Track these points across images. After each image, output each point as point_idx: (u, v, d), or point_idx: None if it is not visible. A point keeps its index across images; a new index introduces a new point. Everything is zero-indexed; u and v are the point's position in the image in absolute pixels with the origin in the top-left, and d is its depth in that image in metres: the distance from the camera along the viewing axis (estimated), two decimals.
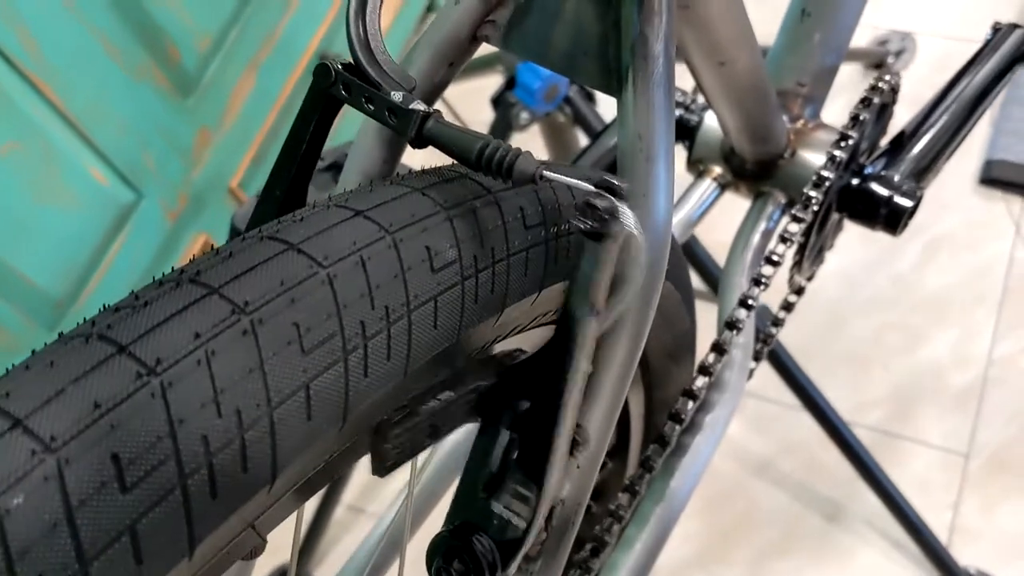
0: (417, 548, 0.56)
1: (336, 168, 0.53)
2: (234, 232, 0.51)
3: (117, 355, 0.29)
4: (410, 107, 0.37)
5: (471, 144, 0.36)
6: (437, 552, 0.39)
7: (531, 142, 1.52)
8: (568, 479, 0.40)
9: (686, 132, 0.77)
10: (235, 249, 0.34)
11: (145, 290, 0.33)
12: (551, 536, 0.42)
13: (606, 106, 1.36)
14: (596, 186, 0.33)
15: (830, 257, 1.60)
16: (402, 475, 0.41)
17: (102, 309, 0.32)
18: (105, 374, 0.29)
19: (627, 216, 0.33)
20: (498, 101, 1.22)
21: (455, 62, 0.41)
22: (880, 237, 1.56)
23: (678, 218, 0.74)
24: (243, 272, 0.32)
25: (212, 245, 1.46)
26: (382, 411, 0.35)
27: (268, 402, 0.30)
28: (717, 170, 0.76)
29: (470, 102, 1.57)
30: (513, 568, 0.38)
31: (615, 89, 0.38)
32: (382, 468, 0.35)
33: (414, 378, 0.35)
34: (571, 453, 0.38)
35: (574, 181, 0.34)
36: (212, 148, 1.45)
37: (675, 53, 0.37)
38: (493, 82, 1.36)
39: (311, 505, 1.36)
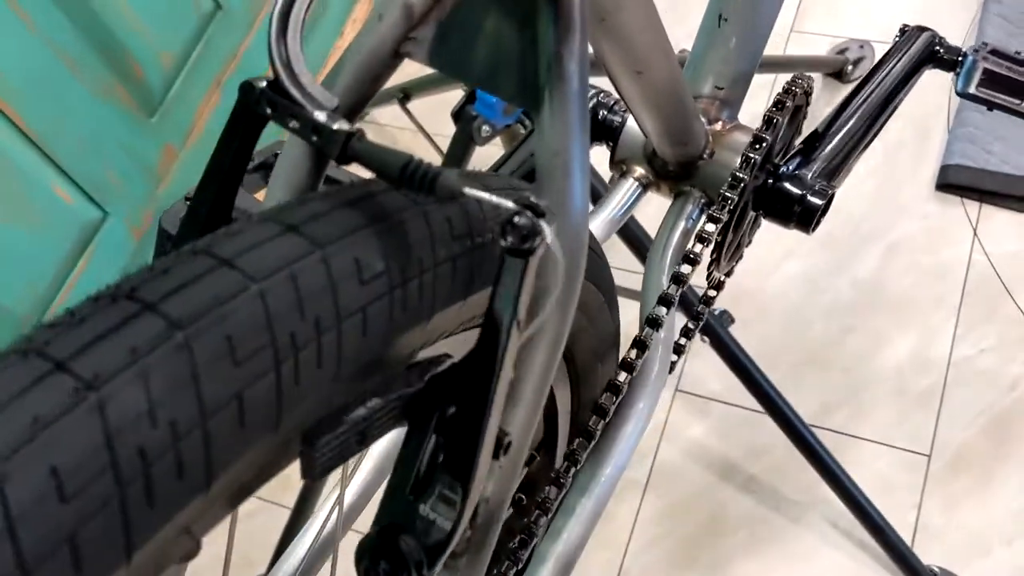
0: (348, 549, 0.57)
1: (265, 168, 0.54)
2: (162, 234, 0.52)
3: (55, 371, 0.30)
4: (334, 127, 0.38)
5: (395, 161, 0.37)
6: (364, 553, 0.40)
7: (494, 155, 1.53)
8: (492, 479, 0.42)
9: (609, 133, 0.79)
10: (169, 264, 0.35)
11: (81, 306, 0.34)
12: (476, 533, 0.43)
13: None
14: (517, 204, 0.35)
15: (791, 262, 1.63)
16: (334, 475, 0.42)
17: (37, 326, 0.33)
18: (43, 389, 0.29)
19: (546, 233, 0.35)
20: (459, 115, 1.23)
21: (379, 77, 0.42)
22: (839, 241, 1.58)
23: (601, 218, 0.76)
24: (178, 287, 0.34)
25: None
26: (312, 418, 0.36)
27: (202, 412, 0.31)
28: (639, 170, 0.78)
29: (432, 117, 1.58)
30: (439, 566, 0.39)
31: (532, 105, 0.39)
32: (311, 474, 0.36)
33: (344, 385, 0.36)
34: (495, 456, 0.40)
35: (496, 200, 0.36)
36: (177, 165, 1.46)
37: (589, 67, 0.39)
38: (454, 96, 1.37)
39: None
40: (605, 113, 0.79)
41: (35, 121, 1.22)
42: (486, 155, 1.48)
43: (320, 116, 0.38)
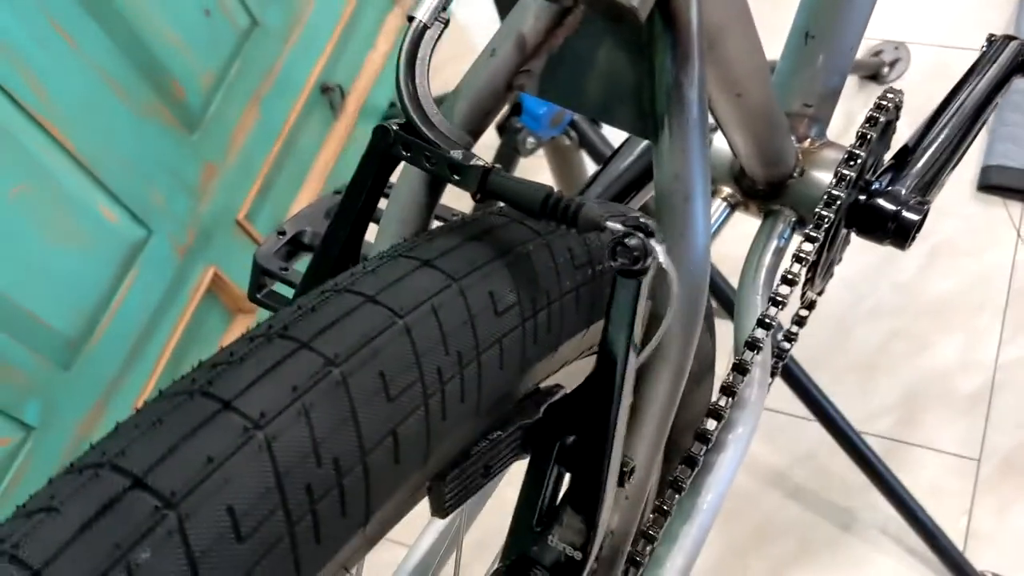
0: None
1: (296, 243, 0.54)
2: (256, 267, 0.52)
3: (223, 411, 0.30)
4: (471, 163, 0.38)
5: (535, 195, 0.37)
6: None
7: (537, 166, 1.53)
8: (617, 510, 0.41)
9: None
10: (316, 303, 0.35)
11: (237, 345, 0.34)
12: (601, 566, 0.43)
13: (611, 129, 1.37)
14: (626, 226, 0.35)
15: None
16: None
17: (196, 366, 0.33)
18: (213, 429, 0.30)
19: (657, 253, 0.35)
20: (504, 127, 1.23)
21: (491, 111, 0.43)
22: (880, 247, 1.57)
23: None
24: (328, 325, 0.34)
25: (221, 278, 1.47)
26: (453, 453, 0.36)
27: (361, 449, 0.31)
28: (727, 190, 0.78)
29: None
30: None
31: (651, 133, 0.39)
32: (441, 510, 0.36)
33: (482, 420, 0.36)
34: (620, 484, 0.39)
35: (614, 225, 0.36)
36: (218, 182, 1.47)
37: (702, 103, 0.39)
38: None
39: None
40: None
41: (83, 144, 1.22)
42: (529, 167, 1.48)
43: (457, 155, 0.39)
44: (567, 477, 0.40)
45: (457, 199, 0.46)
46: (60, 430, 1.26)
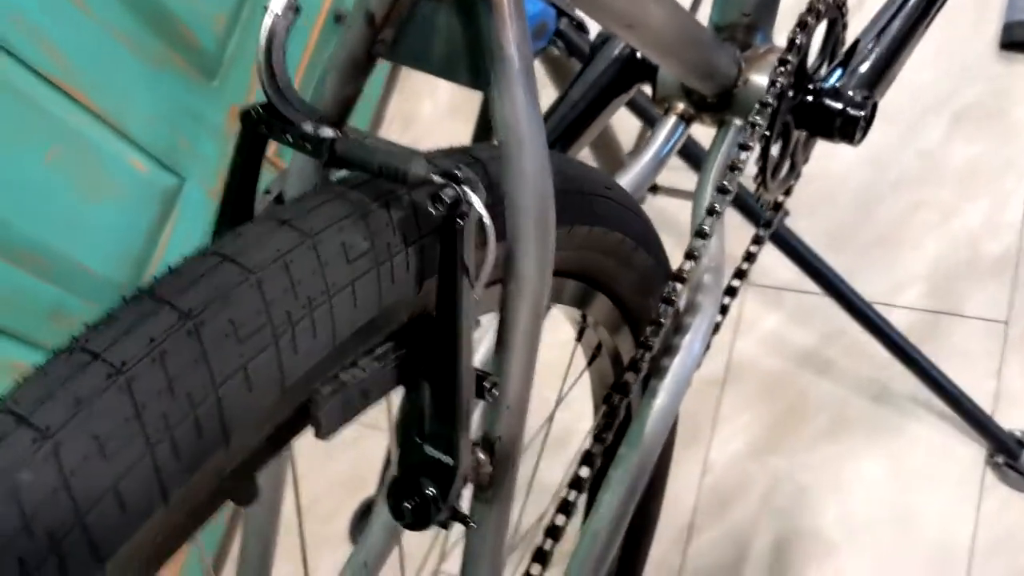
0: None
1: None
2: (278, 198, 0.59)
3: (92, 361, 0.38)
4: (319, 135, 0.44)
5: (370, 157, 0.43)
6: (392, 494, 0.46)
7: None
8: (497, 421, 0.47)
9: (648, 73, 0.81)
10: (182, 266, 0.42)
11: (117, 307, 0.41)
12: (497, 468, 0.49)
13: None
14: (443, 177, 0.40)
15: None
16: None
17: (84, 327, 0.41)
18: (84, 377, 0.37)
19: (475, 201, 0.40)
20: None
21: (358, 79, 0.48)
22: (902, 113, 1.55)
23: (647, 157, 0.78)
24: (189, 284, 0.40)
25: None
26: (313, 383, 0.42)
27: (213, 382, 0.38)
28: (680, 106, 0.80)
29: None
30: (454, 498, 0.46)
31: (484, 87, 0.44)
32: (320, 431, 0.43)
33: (340, 351, 0.43)
34: (483, 396, 0.45)
35: (435, 179, 0.41)
36: None
37: (531, 50, 0.43)
38: None
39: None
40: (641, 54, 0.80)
41: (103, 101, 1.30)
42: None
43: (308, 127, 0.44)
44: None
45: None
46: None
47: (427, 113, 1.96)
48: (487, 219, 0.40)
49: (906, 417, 1.44)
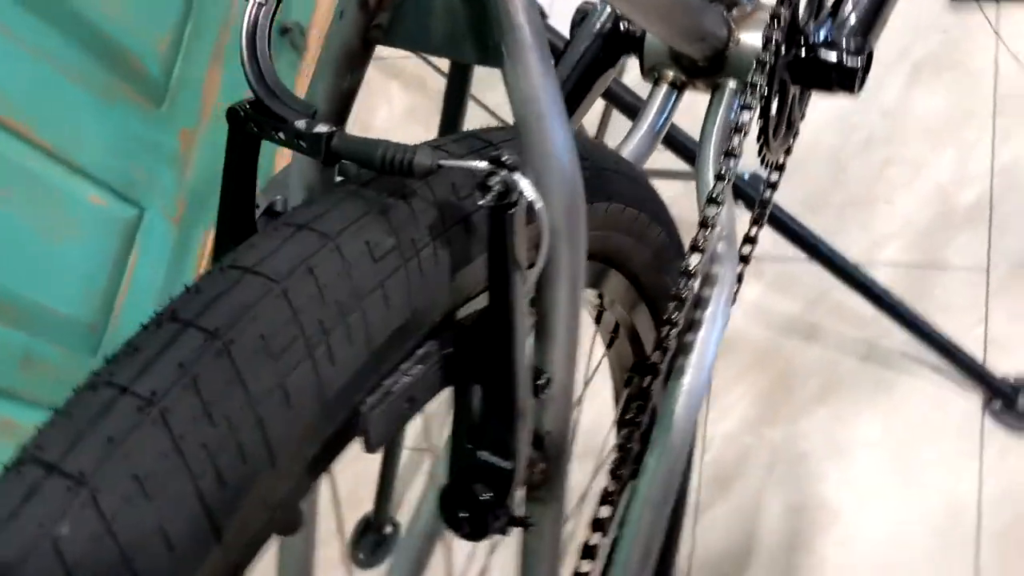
0: None
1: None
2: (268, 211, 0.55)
3: (120, 395, 0.35)
4: (314, 131, 0.41)
5: (373, 151, 0.40)
6: (444, 504, 0.43)
7: None
8: (545, 414, 0.45)
9: (633, 44, 0.78)
10: (201, 284, 0.39)
11: (135, 336, 0.38)
12: (549, 465, 0.46)
13: (556, 19, 1.36)
14: (490, 164, 0.37)
15: (822, 107, 1.61)
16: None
17: (105, 361, 0.37)
18: (113, 413, 0.34)
19: (523, 186, 0.37)
20: None
21: (355, 71, 0.45)
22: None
23: (641, 131, 0.76)
24: (210, 302, 0.37)
25: None
26: (357, 394, 0.39)
27: (250, 403, 0.35)
28: (671, 74, 0.78)
29: None
30: (513, 502, 0.43)
31: (496, 62, 0.41)
32: (369, 445, 0.40)
33: (379, 357, 0.40)
34: (536, 394, 0.43)
35: (468, 164, 0.38)
36: (197, 146, 1.49)
37: (539, 17, 0.40)
38: None
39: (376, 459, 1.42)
40: (626, 24, 0.78)
41: (52, 135, 1.25)
42: None
43: (300, 124, 0.41)
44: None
45: None
46: None
47: (383, 119, 1.93)
48: (539, 203, 0.38)
49: (898, 373, 1.44)
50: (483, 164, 0.37)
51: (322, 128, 0.41)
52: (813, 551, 1.37)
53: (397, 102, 1.92)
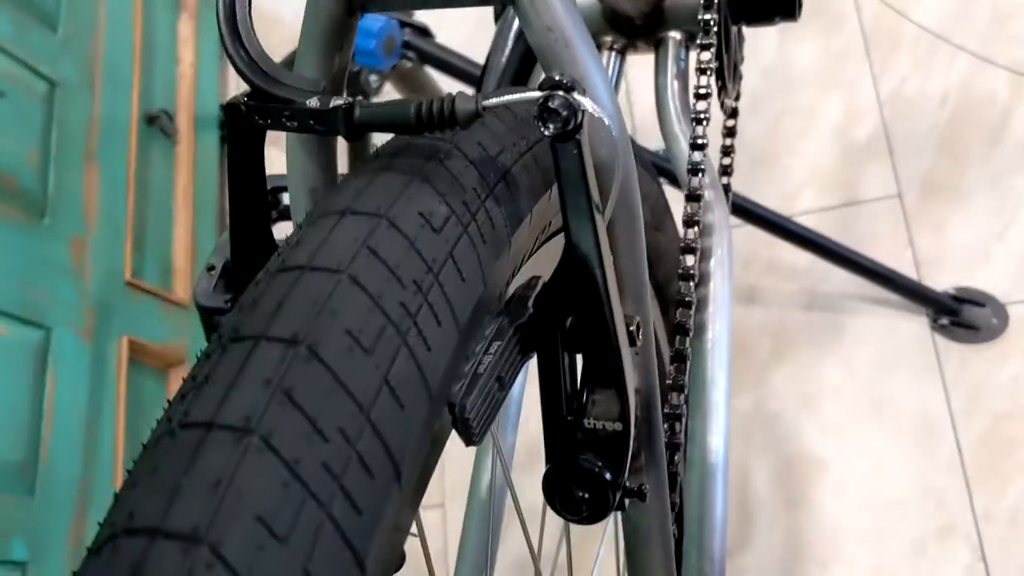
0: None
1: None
2: (202, 310, 0.50)
3: (208, 432, 0.29)
4: (331, 106, 0.36)
5: (406, 112, 0.36)
6: (553, 489, 0.39)
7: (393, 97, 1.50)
8: (636, 369, 0.41)
9: None
10: (253, 296, 0.34)
11: (197, 368, 0.32)
12: (642, 426, 0.43)
13: (444, 36, 1.34)
14: (543, 88, 0.33)
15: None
16: None
17: (168, 403, 0.32)
18: (207, 454, 0.29)
19: (586, 103, 0.33)
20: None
21: (344, 41, 0.41)
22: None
23: None
24: (275, 309, 0.32)
25: (137, 342, 1.42)
26: (449, 384, 0.35)
27: (360, 409, 0.30)
28: (609, 39, 0.77)
29: None
30: (627, 469, 0.39)
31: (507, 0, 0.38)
32: (473, 437, 0.35)
33: (467, 336, 0.35)
34: (632, 343, 0.39)
35: (519, 96, 0.34)
36: (90, 252, 1.40)
37: None
38: None
39: None
40: None
41: None
42: None
43: (313, 103, 0.37)
44: (579, 360, 0.39)
45: None
46: (52, 551, 1.22)
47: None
48: (608, 119, 0.34)
49: (843, 315, 1.46)
50: (535, 92, 0.34)
51: (338, 101, 0.36)
52: (811, 503, 1.36)
53: None
